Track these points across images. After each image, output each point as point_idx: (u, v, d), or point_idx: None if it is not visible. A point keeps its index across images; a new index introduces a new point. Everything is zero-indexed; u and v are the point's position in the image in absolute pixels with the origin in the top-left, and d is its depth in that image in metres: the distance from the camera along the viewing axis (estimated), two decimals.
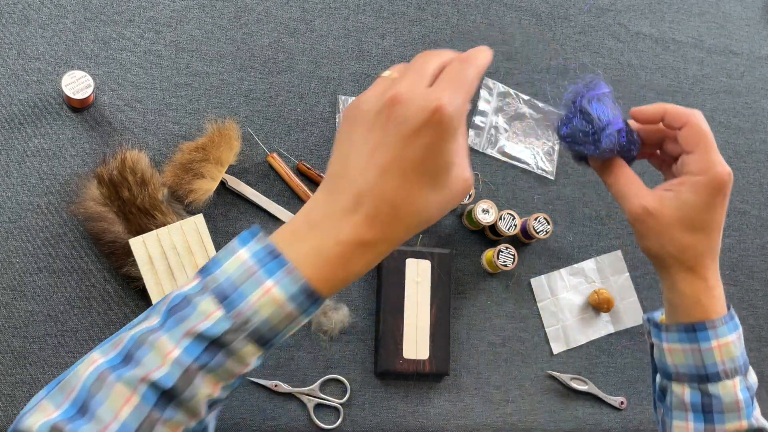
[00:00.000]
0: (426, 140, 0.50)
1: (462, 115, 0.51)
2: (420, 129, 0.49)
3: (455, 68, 0.55)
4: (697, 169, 0.62)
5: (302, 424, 0.91)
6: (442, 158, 0.50)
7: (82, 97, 0.85)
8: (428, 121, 0.49)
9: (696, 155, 0.62)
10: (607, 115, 0.64)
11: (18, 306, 0.84)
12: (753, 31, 1.23)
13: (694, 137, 0.62)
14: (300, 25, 0.99)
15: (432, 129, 0.49)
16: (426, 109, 0.50)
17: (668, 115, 0.64)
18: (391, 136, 0.50)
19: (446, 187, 0.52)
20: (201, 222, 0.88)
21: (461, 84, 0.53)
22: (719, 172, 0.62)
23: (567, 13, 1.12)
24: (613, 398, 1.03)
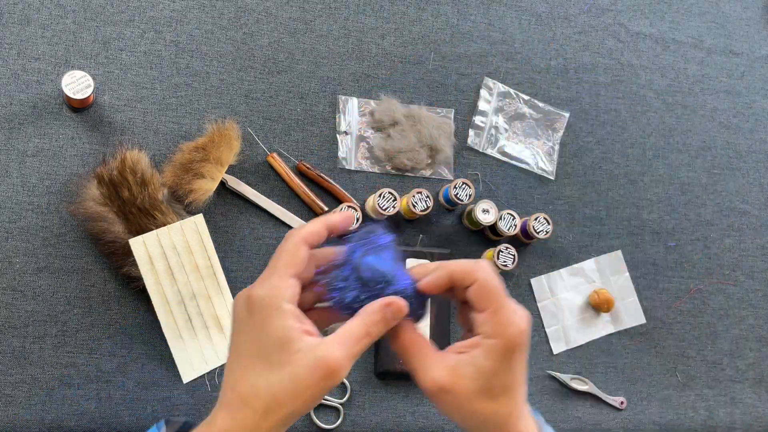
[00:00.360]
0: (246, 321, 0.53)
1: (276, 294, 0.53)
2: (238, 313, 0.54)
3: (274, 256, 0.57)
4: (490, 331, 0.55)
5: (302, 424, 0.91)
6: (269, 336, 0.52)
7: (82, 97, 0.85)
8: (242, 306, 0.54)
9: (487, 315, 0.56)
10: (388, 272, 0.57)
11: (18, 306, 0.84)
12: (753, 31, 1.23)
13: (483, 296, 0.56)
14: (300, 25, 0.99)
15: (246, 311, 0.53)
16: (240, 297, 0.54)
17: (454, 278, 0.57)
18: (233, 331, 0.55)
19: (287, 364, 0.51)
20: (201, 222, 0.88)
21: (271, 267, 0.55)
22: (512, 334, 0.55)
23: (567, 13, 1.12)
24: (613, 398, 1.03)
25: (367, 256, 0.57)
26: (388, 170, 1.00)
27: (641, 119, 1.13)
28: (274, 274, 0.54)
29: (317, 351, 0.51)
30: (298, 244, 0.56)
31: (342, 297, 0.56)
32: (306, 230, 0.57)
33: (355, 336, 0.53)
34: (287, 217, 0.94)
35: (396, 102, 1.00)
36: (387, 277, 0.57)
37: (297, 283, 0.55)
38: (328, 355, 0.51)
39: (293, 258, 0.55)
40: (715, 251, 1.12)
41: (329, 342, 0.52)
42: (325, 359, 0.51)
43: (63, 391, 0.84)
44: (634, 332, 1.06)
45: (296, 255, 0.55)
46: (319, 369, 0.51)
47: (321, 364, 0.51)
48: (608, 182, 1.09)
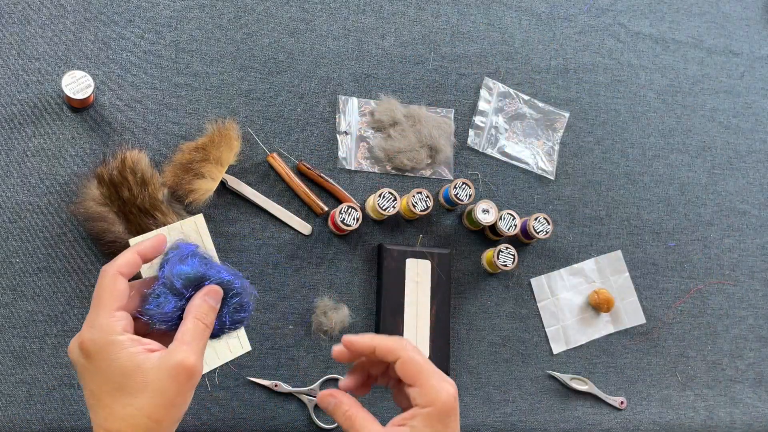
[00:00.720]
0: (88, 367, 0.55)
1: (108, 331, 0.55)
2: (78, 361, 0.56)
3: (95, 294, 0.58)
4: (424, 401, 0.59)
5: (302, 424, 0.91)
6: (117, 371, 0.54)
7: (83, 97, 0.85)
8: (78, 354, 0.56)
9: (418, 388, 0.60)
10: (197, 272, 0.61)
11: (18, 306, 0.84)
12: (753, 31, 1.23)
13: (410, 371, 0.60)
14: (300, 25, 0.99)
15: (84, 358, 0.55)
16: (73, 346, 0.56)
17: (379, 352, 0.62)
18: (78, 374, 0.57)
19: (148, 384, 0.54)
20: (201, 222, 0.88)
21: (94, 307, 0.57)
22: (445, 400, 0.59)
23: (567, 13, 1.12)
24: (613, 398, 1.03)
25: (174, 267, 0.60)
26: (388, 170, 1.00)
27: (641, 119, 1.13)
28: (99, 314, 0.56)
29: (169, 360, 0.54)
30: (114, 277, 0.57)
31: (160, 311, 0.58)
32: (118, 262, 0.58)
33: (195, 333, 0.57)
34: (287, 217, 0.94)
35: (396, 102, 1.00)
36: (199, 276, 0.60)
37: (124, 314, 0.57)
38: (182, 359, 0.55)
39: (113, 292, 0.57)
40: (715, 251, 1.12)
41: (175, 348, 0.55)
42: (180, 364, 0.54)
43: (63, 391, 0.84)
44: (634, 332, 1.06)
45: (114, 289, 0.57)
46: (179, 375, 0.54)
47: (179, 369, 0.54)
48: (608, 182, 1.09)
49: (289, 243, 0.94)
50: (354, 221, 0.92)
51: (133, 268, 0.59)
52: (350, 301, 0.95)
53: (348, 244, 0.97)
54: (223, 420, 0.88)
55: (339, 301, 0.94)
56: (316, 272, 0.95)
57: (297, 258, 0.94)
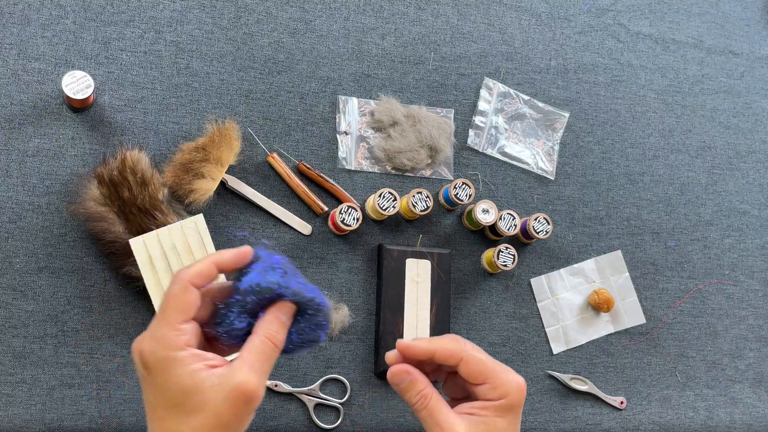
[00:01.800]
0: (147, 378, 0.52)
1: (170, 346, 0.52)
2: (138, 370, 0.53)
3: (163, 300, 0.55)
4: (495, 395, 0.58)
5: (302, 424, 0.91)
6: (174, 388, 0.51)
7: (83, 98, 0.85)
8: (138, 363, 0.53)
9: (488, 385, 0.58)
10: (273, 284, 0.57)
11: (18, 306, 0.84)
12: (753, 31, 1.23)
13: (476, 371, 0.59)
14: (300, 25, 0.99)
15: (143, 368, 0.52)
16: (134, 352, 0.53)
17: (439, 357, 0.59)
18: (140, 380, 0.54)
19: (204, 405, 0.51)
20: (201, 222, 0.88)
21: (162, 315, 0.53)
22: (516, 392, 0.58)
23: (567, 13, 1.12)
24: (613, 398, 1.03)
25: (252, 281, 0.56)
26: (388, 170, 1.00)
27: (641, 119, 1.13)
28: (162, 324, 0.53)
29: (230, 381, 0.51)
30: (186, 287, 0.54)
31: (229, 330, 0.55)
32: (192, 272, 0.55)
33: (261, 353, 0.54)
34: (287, 217, 0.94)
35: (396, 102, 1.00)
36: (276, 293, 0.56)
37: (191, 326, 0.54)
38: (243, 381, 0.51)
39: (181, 303, 0.53)
40: (715, 251, 1.12)
41: (237, 368, 0.52)
42: (240, 387, 0.51)
43: (63, 391, 0.84)
44: (634, 332, 1.06)
45: (184, 300, 0.54)
46: (237, 399, 0.51)
47: (238, 393, 0.51)
48: (608, 182, 1.09)
49: (289, 243, 0.94)
50: (354, 221, 0.92)
51: (207, 280, 0.55)
52: (350, 301, 0.95)
53: (348, 244, 0.97)
54: None
55: (339, 301, 0.94)
56: (316, 272, 0.95)
57: (297, 258, 0.94)
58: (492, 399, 0.58)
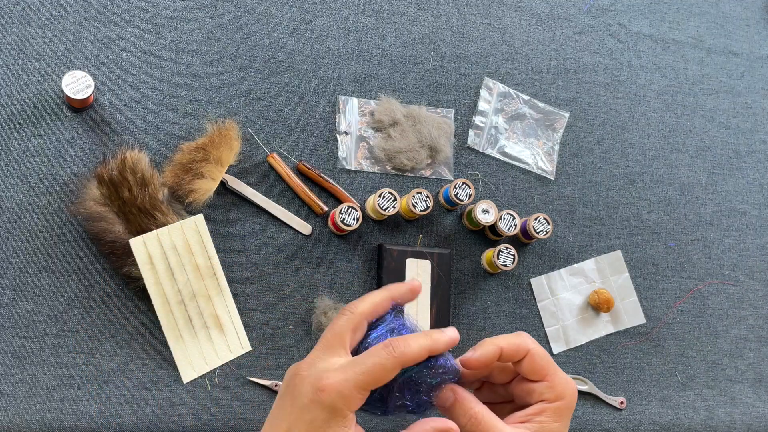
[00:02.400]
0: (309, 416, 0.51)
1: (350, 400, 0.52)
2: (306, 405, 0.51)
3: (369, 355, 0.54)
4: (552, 396, 0.57)
5: None
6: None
7: (83, 97, 0.85)
8: (313, 398, 0.51)
9: (547, 382, 0.57)
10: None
11: (18, 306, 0.84)
12: (753, 31, 1.23)
13: (539, 365, 0.57)
14: (300, 25, 0.99)
15: (315, 407, 0.51)
16: (313, 386, 0.52)
17: (506, 354, 0.58)
18: (286, 408, 0.53)
19: None
20: (201, 222, 0.88)
21: (359, 367, 0.52)
22: (572, 394, 0.58)
23: (567, 13, 1.12)
24: (613, 398, 1.03)
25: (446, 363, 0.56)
26: (388, 170, 1.00)
27: (641, 119, 1.13)
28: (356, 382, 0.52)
29: None
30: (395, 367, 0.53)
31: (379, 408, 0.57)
32: (368, 306, 0.55)
33: None
34: (287, 217, 0.94)
35: (396, 102, 1.00)
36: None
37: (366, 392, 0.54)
38: None
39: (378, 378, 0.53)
40: (715, 251, 1.12)
41: None
42: None
43: (63, 391, 0.84)
44: (634, 332, 1.06)
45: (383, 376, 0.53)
46: None
47: None
48: (608, 182, 1.09)
49: (289, 243, 0.94)
50: (354, 221, 0.92)
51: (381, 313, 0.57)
52: (350, 301, 0.95)
53: (348, 244, 0.97)
54: (223, 420, 0.88)
55: (339, 301, 0.94)
56: (316, 272, 0.95)
57: (297, 258, 0.94)
58: (549, 400, 0.57)
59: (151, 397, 0.86)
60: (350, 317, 0.55)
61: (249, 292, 0.92)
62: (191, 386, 0.88)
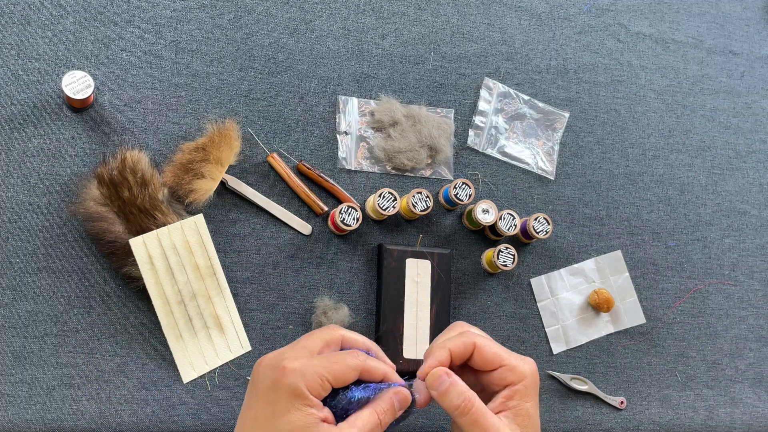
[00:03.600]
0: (273, 397, 0.53)
1: (311, 381, 0.54)
2: (267, 389, 0.54)
3: (337, 354, 0.58)
4: (515, 377, 0.59)
5: None
6: (288, 421, 0.53)
7: (83, 97, 0.85)
8: (274, 380, 0.54)
9: (504, 367, 0.60)
10: None
11: (18, 306, 0.84)
12: (753, 31, 1.23)
13: (490, 357, 0.60)
14: (300, 25, 0.99)
15: (274, 388, 0.54)
16: (274, 369, 0.55)
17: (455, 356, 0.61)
18: (250, 396, 0.56)
19: None
20: (201, 222, 0.88)
21: (328, 361, 0.56)
22: (533, 371, 0.60)
23: (567, 13, 1.12)
24: (613, 398, 1.03)
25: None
26: (388, 170, 1.00)
27: (641, 119, 1.13)
28: (318, 368, 0.55)
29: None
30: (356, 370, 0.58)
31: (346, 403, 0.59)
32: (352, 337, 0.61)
33: (370, 423, 0.56)
34: (287, 217, 0.94)
35: (396, 102, 1.00)
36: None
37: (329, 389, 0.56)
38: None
39: (340, 372, 0.56)
40: (715, 251, 1.12)
41: (346, 429, 0.54)
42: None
43: (63, 391, 0.84)
44: (634, 332, 1.06)
45: (345, 374, 0.57)
46: None
47: None
48: (608, 182, 1.09)
49: (289, 243, 0.94)
50: (354, 221, 0.92)
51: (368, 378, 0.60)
52: (350, 301, 0.95)
53: (348, 244, 0.97)
54: (223, 420, 0.88)
55: (339, 301, 0.94)
56: (316, 272, 0.95)
57: (297, 258, 0.94)
58: (513, 382, 0.59)
59: (151, 397, 0.86)
60: (329, 332, 0.58)
61: (249, 292, 0.92)
62: (191, 386, 0.88)
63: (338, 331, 0.61)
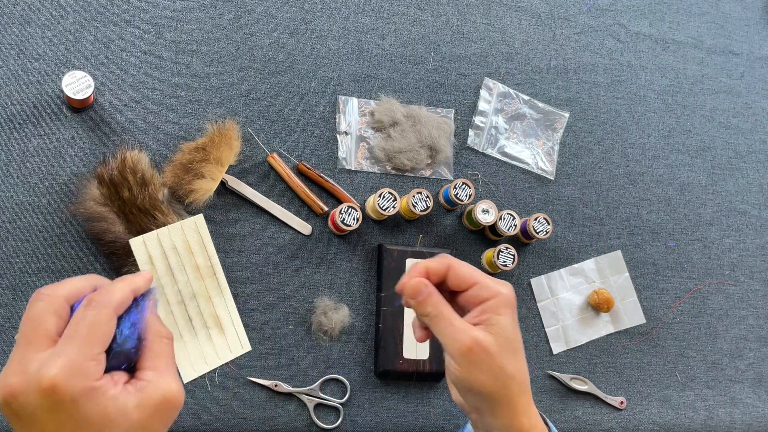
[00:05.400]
0: (54, 416, 0.45)
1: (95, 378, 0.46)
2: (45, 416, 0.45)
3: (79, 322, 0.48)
4: (488, 294, 0.61)
5: (302, 424, 0.91)
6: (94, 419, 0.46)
7: (83, 98, 0.85)
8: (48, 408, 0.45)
9: (478, 285, 0.62)
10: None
11: (18, 306, 0.84)
12: (753, 31, 1.23)
13: (463, 275, 0.62)
14: (300, 25, 0.99)
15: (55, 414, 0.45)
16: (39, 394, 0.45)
17: (432, 271, 0.62)
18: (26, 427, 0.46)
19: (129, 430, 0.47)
20: (201, 222, 0.88)
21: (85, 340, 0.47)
22: (507, 292, 0.62)
23: (567, 13, 1.12)
24: (613, 398, 1.03)
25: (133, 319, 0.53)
26: (388, 170, 1.00)
27: (641, 119, 1.13)
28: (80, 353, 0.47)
29: (153, 396, 0.48)
30: (112, 317, 0.49)
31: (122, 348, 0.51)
32: (115, 300, 0.50)
33: (166, 353, 0.51)
34: (287, 217, 0.94)
35: (396, 102, 1.00)
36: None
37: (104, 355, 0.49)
38: (166, 391, 0.49)
39: (105, 333, 0.48)
40: (715, 251, 1.12)
41: (155, 380, 0.49)
42: (167, 396, 0.49)
43: None
44: (634, 332, 1.06)
45: (108, 329, 0.49)
46: (168, 409, 0.49)
47: (166, 404, 0.49)
48: (608, 182, 1.09)
49: (289, 243, 0.94)
50: (354, 221, 0.92)
51: (125, 306, 0.52)
52: (350, 301, 0.95)
53: (348, 244, 0.97)
54: (223, 420, 0.88)
55: (339, 301, 0.94)
56: (316, 272, 0.95)
57: (297, 258, 0.94)
58: (486, 298, 0.61)
59: None
60: (49, 301, 0.50)
61: (249, 292, 0.92)
62: (191, 386, 0.88)
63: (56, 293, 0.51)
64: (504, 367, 0.61)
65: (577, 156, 1.09)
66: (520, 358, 0.63)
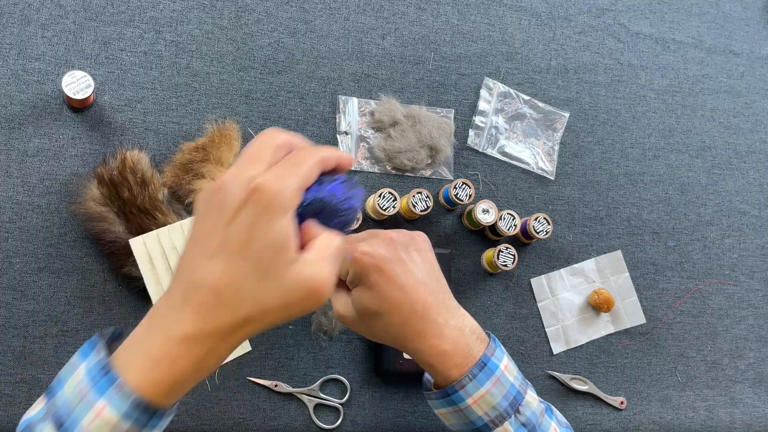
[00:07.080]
0: (247, 219, 0.48)
1: (291, 195, 0.49)
2: (239, 209, 0.48)
3: (294, 155, 0.51)
4: (342, 272, 0.64)
5: (302, 424, 0.91)
6: (268, 239, 0.48)
7: (83, 97, 0.85)
8: (246, 200, 0.48)
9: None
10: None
11: (18, 306, 0.84)
12: (753, 31, 1.23)
13: None
14: (300, 25, 0.99)
15: (251, 207, 0.48)
16: (244, 190, 0.48)
17: None
18: (215, 221, 0.49)
19: (282, 279, 0.48)
20: None
21: (295, 167, 0.50)
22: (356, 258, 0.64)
23: (567, 13, 1.12)
24: (613, 398, 1.03)
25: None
26: (388, 170, 1.00)
27: (641, 119, 1.13)
28: (292, 177, 0.49)
29: (308, 269, 0.49)
30: (317, 164, 0.51)
31: None
32: (324, 156, 0.52)
33: (338, 253, 0.52)
34: None
35: (396, 102, 1.00)
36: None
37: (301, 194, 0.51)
38: (319, 275, 0.49)
39: (306, 173, 0.50)
40: (715, 251, 1.12)
41: (317, 261, 0.50)
42: (316, 280, 0.49)
43: None
44: (634, 332, 1.06)
45: (311, 174, 0.51)
46: (310, 289, 0.49)
47: (311, 284, 0.49)
48: (608, 182, 1.09)
49: None
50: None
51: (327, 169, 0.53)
52: None
53: None
54: (223, 420, 0.88)
55: None
56: None
57: None
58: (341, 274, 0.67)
59: None
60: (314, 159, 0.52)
61: None
62: None
63: (280, 134, 0.53)
64: (371, 327, 0.66)
65: (577, 156, 1.09)
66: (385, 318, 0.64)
